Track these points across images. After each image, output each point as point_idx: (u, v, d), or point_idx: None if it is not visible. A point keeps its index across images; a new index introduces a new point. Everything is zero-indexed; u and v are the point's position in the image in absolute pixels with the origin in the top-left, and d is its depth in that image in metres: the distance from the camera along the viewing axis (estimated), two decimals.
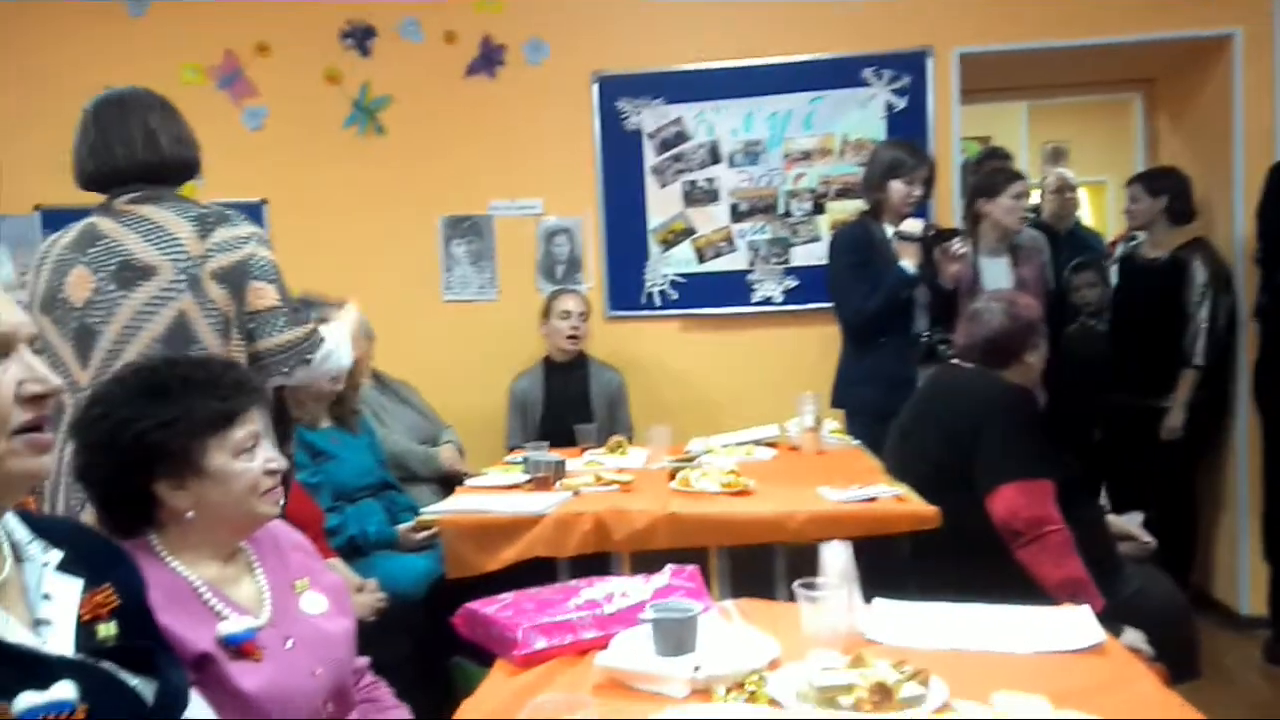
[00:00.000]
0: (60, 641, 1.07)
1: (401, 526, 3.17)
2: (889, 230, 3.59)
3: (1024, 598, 1.81)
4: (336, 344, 2.21)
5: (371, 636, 1.79)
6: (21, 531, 1.14)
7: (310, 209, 4.43)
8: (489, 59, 4.34)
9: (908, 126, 4.07)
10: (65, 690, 1.00)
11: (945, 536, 2.30)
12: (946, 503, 2.33)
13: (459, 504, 2.72)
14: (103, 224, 2.11)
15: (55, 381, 1.08)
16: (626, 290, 4.31)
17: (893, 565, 2.27)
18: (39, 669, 1.01)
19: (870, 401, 3.41)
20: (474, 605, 1.74)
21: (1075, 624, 1.63)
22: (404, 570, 2.99)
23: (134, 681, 1.11)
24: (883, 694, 1.23)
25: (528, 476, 2.88)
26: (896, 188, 3.56)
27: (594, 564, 2.45)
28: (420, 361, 4.15)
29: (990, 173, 3.94)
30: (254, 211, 4.43)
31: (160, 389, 1.51)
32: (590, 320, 4.14)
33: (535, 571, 2.37)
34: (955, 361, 2.74)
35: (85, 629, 1.11)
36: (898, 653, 1.43)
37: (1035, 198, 5.35)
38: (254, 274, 2.07)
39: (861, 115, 4.14)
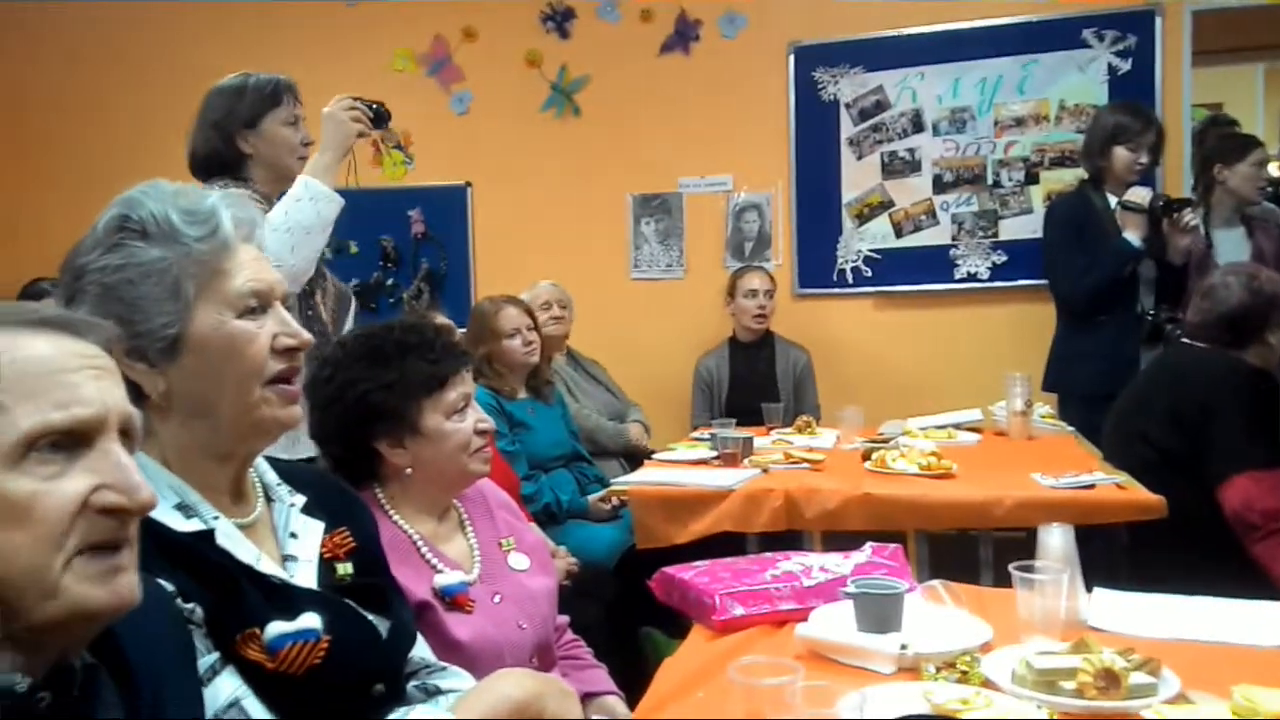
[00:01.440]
0: (305, 577, 1.16)
1: (591, 496, 3.25)
2: (1112, 200, 3.36)
3: (1257, 595, 1.66)
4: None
5: (565, 600, 1.84)
6: (271, 475, 1.24)
7: (509, 191, 4.60)
8: (684, 35, 4.36)
9: (1132, 90, 3.79)
10: (311, 620, 1.09)
11: (1169, 527, 2.14)
12: (1171, 491, 2.17)
13: (648, 476, 2.76)
14: None
15: (306, 335, 1.16)
16: (817, 267, 4.23)
17: (1109, 556, 2.13)
18: (288, 600, 1.10)
19: (1088, 383, 3.21)
20: (670, 570, 1.76)
21: None
22: (595, 539, 3.07)
23: (370, 617, 1.19)
24: (1109, 680, 1.16)
25: (715, 452, 2.88)
26: (1121, 155, 3.33)
27: (783, 542, 2.42)
28: (608, 339, 4.23)
29: (1227, 138, 3.62)
30: (459, 194, 4.66)
31: (380, 353, 1.61)
32: (778, 298, 4.09)
33: (724, 547, 2.37)
34: (1186, 341, 2.53)
35: (326, 566, 1.20)
36: (1123, 641, 1.34)
37: (1274, 169, 4.86)
38: None
39: (1080, 79, 3.88)
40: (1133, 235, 3.24)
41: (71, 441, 0.77)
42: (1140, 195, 3.25)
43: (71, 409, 0.76)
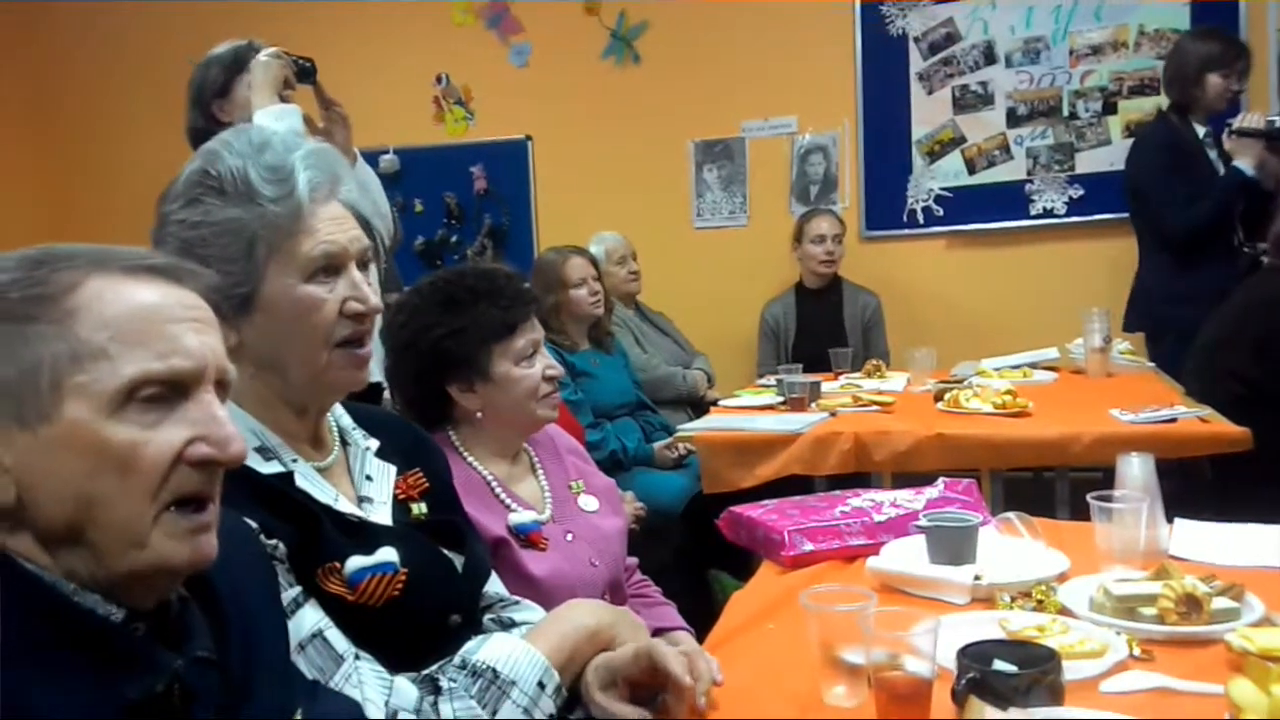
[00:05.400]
0: (380, 518, 1.19)
1: (657, 444, 3.27)
2: (1200, 130, 3.26)
3: None
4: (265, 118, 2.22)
5: (633, 545, 1.86)
6: (346, 419, 1.27)
7: (569, 143, 4.59)
8: None
9: (1215, 12, 3.62)
10: (389, 554, 1.12)
11: (1256, 460, 2.07)
12: (1259, 423, 2.10)
13: (715, 422, 2.76)
14: None
15: (375, 301, 1.16)
16: (886, 208, 4.15)
17: (1192, 492, 2.07)
18: (366, 535, 1.13)
19: (1193, 322, 3.08)
20: (738, 508, 1.77)
21: None
22: (661, 486, 3.09)
23: (445, 553, 1.22)
24: (1191, 605, 1.14)
25: (781, 398, 2.87)
26: (1214, 82, 3.22)
27: (851, 485, 2.41)
28: (672, 290, 4.21)
29: None
30: (520, 148, 4.66)
31: (452, 299, 1.63)
32: (845, 242, 4.02)
33: (791, 491, 2.36)
34: (1273, 266, 2.43)
35: (400, 507, 1.23)
36: (1205, 569, 1.32)
37: None
38: None
39: (1160, 3, 3.70)
40: (1245, 163, 3.14)
41: (170, 391, 0.78)
42: (1255, 120, 3.13)
43: (171, 360, 0.78)
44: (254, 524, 1.02)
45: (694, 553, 2.90)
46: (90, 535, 0.76)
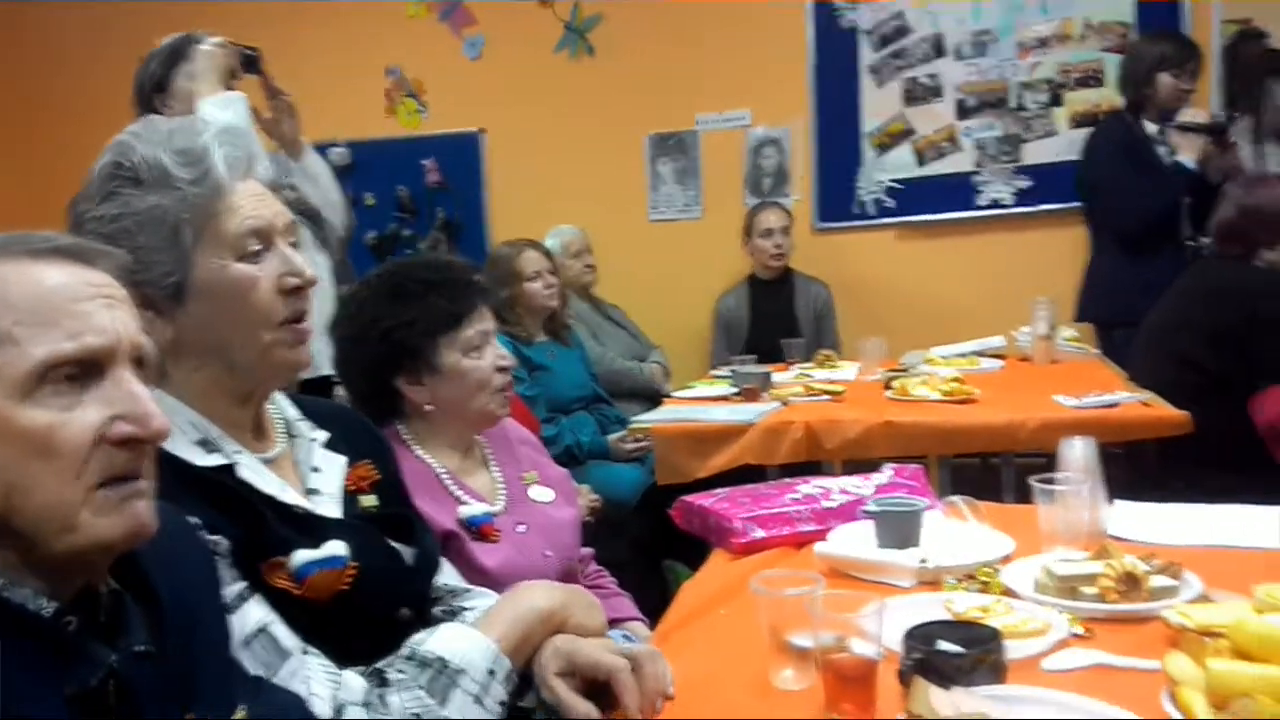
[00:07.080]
0: (329, 510, 1.17)
1: (612, 437, 3.27)
2: (1150, 128, 3.34)
3: None
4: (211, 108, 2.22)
5: (590, 537, 1.86)
6: (292, 411, 1.24)
7: (523, 137, 4.56)
8: None
9: (1160, 8, 3.69)
10: (337, 548, 1.10)
11: (1200, 444, 2.12)
12: (1203, 408, 2.15)
13: (669, 413, 2.77)
14: None
15: (310, 273, 1.13)
16: (837, 200, 4.18)
17: (1135, 476, 2.12)
18: (313, 529, 1.11)
19: (1143, 313, 3.11)
20: (690, 498, 1.78)
21: None
22: (617, 479, 3.09)
23: (395, 545, 1.21)
24: (1131, 584, 1.16)
25: (734, 389, 2.88)
26: (1166, 82, 3.30)
27: (804, 474, 2.43)
28: (627, 282, 4.21)
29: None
30: (472, 142, 4.62)
31: (401, 291, 1.62)
32: (797, 233, 4.04)
33: (744, 481, 2.38)
34: (1214, 254, 2.49)
35: (349, 499, 1.21)
36: (1145, 549, 1.34)
37: None
38: None
39: None
40: (1187, 157, 3.21)
41: (84, 372, 0.77)
42: (1196, 115, 3.23)
43: (83, 338, 0.76)
44: (195, 520, 1.00)
45: (649, 544, 2.91)
46: (18, 524, 0.74)
